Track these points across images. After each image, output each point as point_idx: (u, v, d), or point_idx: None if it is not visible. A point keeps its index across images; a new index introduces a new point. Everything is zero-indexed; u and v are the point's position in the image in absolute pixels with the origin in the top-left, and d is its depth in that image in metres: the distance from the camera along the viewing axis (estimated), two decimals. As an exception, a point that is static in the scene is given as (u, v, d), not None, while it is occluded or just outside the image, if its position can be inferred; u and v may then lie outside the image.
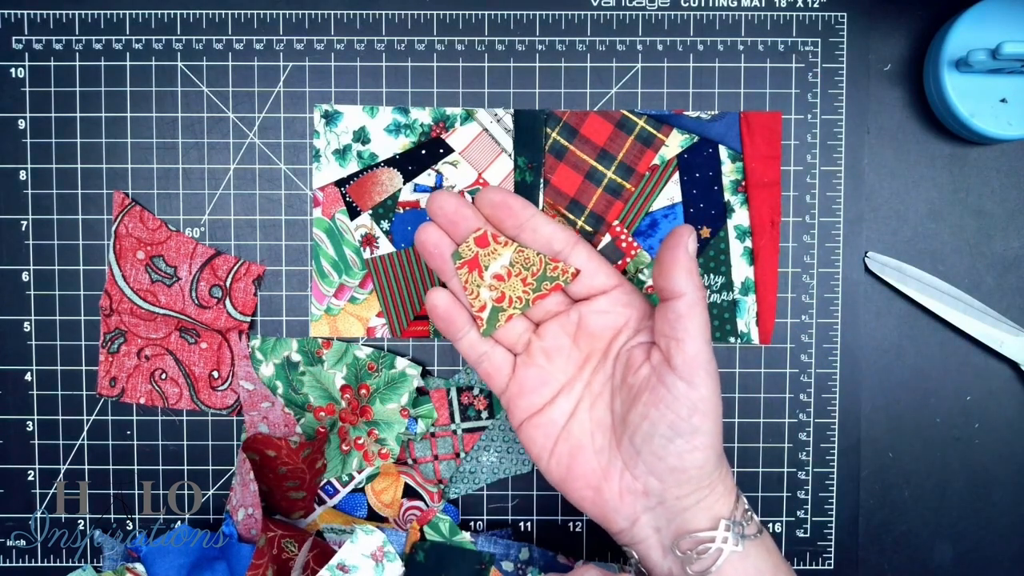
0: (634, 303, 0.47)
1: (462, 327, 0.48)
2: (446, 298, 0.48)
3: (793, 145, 0.55)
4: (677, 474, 0.44)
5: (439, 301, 0.48)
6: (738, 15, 0.55)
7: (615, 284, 0.47)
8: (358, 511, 0.56)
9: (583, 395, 0.47)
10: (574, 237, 0.47)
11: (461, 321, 0.48)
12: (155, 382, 0.56)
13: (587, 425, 0.47)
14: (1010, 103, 0.52)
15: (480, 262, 0.47)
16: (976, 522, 0.57)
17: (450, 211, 0.47)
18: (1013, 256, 0.56)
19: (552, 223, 0.47)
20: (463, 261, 0.47)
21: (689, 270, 0.43)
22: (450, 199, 0.47)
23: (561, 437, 0.47)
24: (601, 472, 0.46)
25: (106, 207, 0.56)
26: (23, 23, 0.55)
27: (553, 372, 0.48)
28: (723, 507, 0.44)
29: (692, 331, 0.43)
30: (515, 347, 0.49)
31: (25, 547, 0.56)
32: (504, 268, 0.47)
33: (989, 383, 0.56)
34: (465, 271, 0.47)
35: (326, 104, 0.55)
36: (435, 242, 0.47)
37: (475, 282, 0.47)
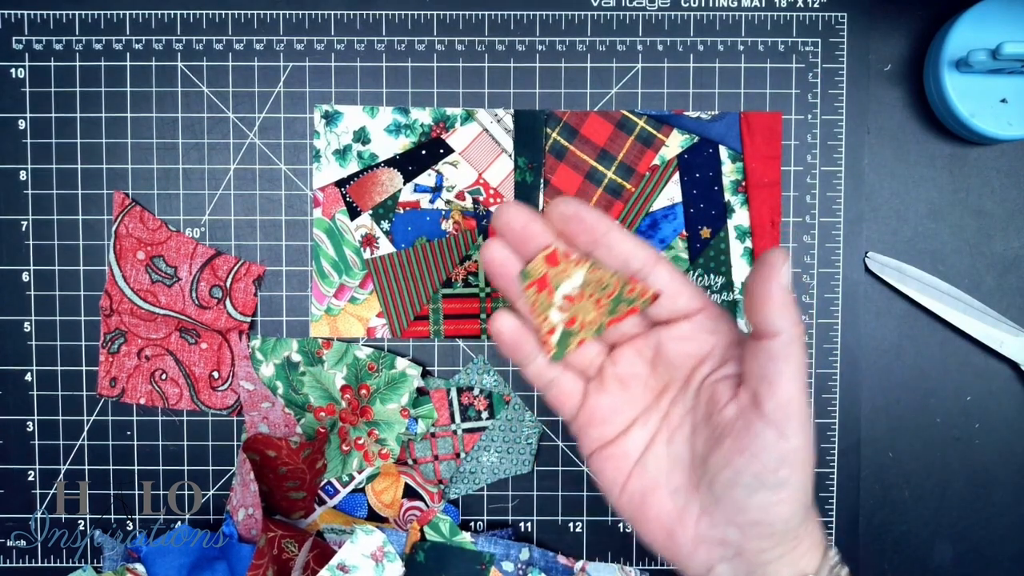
0: (720, 329, 0.41)
1: (530, 352, 0.43)
2: (511, 322, 0.43)
3: (793, 145, 0.55)
4: (760, 527, 0.39)
5: (504, 326, 0.43)
6: (738, 15, 0.55)
7: (699, 307, 0.42)
8: (358, 511, 0.56)
9: (660, 427, 0.43)
10: (654, 255, 0.41)
11: (529, 346, 0.43)
12: (155, 382, 0.56)
13: (663, 462, 0.42)
14: (1010, 103, 0.52)
15: (550, 282, 0.42)
16: (976, 522, 0.57)
17: (518, 226, 0.42)
18: (1013, 256, 0.56)
19: (630, 238, 0.41)
20: (531, 281, 0.42)
21: (784, 305, 0.38)
22: (519, 212, 0.42)
23: (634, 472, 0.43)
24: (676, 515, 0.41)
25: (106, 207, 0.56)
26: (23, 23, 0.55)
27: (628, 401, 0.43)
28: (809, 562, 0.40)
29: (787, 374, 0.38)
30: (587, 372, 0.44)
31: (25, 547, 0.56)
32: (576, 289, 0.42)
33: (989, 383, 0.56)
34: (533, 291, 0.42)
35: (326, 104, 0.55)
36: (502, 261, 0.42)
37: (544, 303, 0.42)
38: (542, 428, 0.56)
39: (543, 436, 0.56)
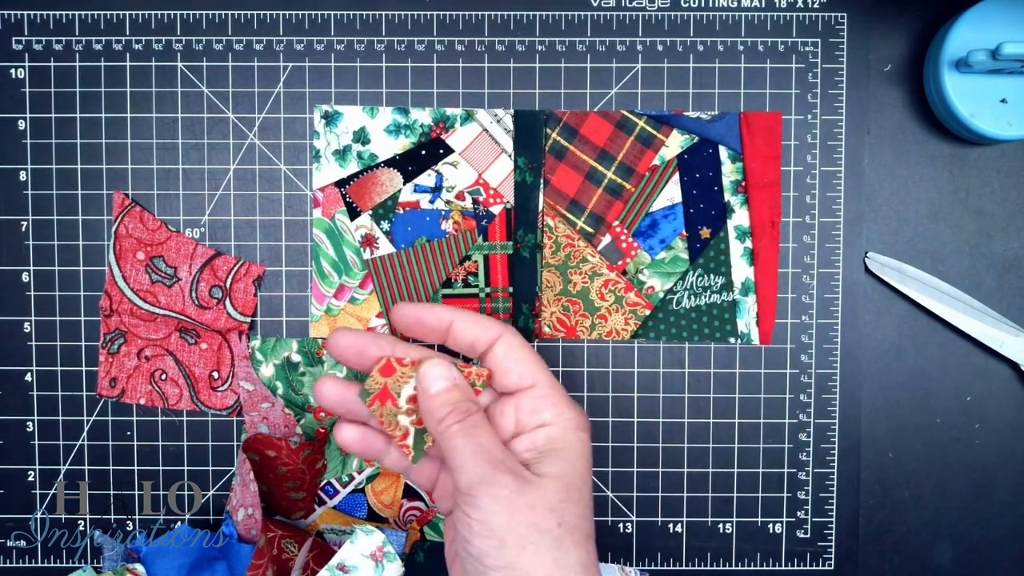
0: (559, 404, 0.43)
1: (381, 449, 0.45)
2: (355, 432, 0.44)
3: (793, 145, 0.55)
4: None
5: (349, 437, 0.44)
6: (738, 15, 0.55)
7: (529, 384, 0.43)
8: (358, 512, 0.56)
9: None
10: (495, 332, 0.43)
11: (379, 444, 0.45)
12: (155, 383, 0.56)
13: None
14: (1010, 103, 0.52)
15: (391, 390, 0.43)
16: (976, 522, 0.57)
17: (351, 349, 0.43)
18: (1013, 256, 0.56)
19: (473, 323, 0.43)
20: (373, 396, 0.43)
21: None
22: (344, 336, 0.43)
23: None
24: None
25: (106, 208, 0.56)
26: (23, 24, 0.55)
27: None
28: None
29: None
30: (442, 456, 0.44)
31: (25, 547, 0.56)
32: (417, 390, 0.43)
33: (989, 383, 0.56)
34: (377, 405, 0.43)
35: (326, 105, 0.55)
36: (339, 399, 0.44)
37: (391, 412, 0.43)
38: (542, 428, 0.56)
39: (543, 436, 0.56)
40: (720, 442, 0.56)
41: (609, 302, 0.56)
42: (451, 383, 0.42)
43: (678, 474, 0.57)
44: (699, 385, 0.56)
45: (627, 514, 0.57)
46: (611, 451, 0.56)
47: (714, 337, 0.56)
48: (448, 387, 0.41)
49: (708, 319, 0.56)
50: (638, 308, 0.56)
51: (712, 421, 0.56)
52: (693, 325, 0.56)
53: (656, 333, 0.56)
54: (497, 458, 0.39)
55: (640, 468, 0.57)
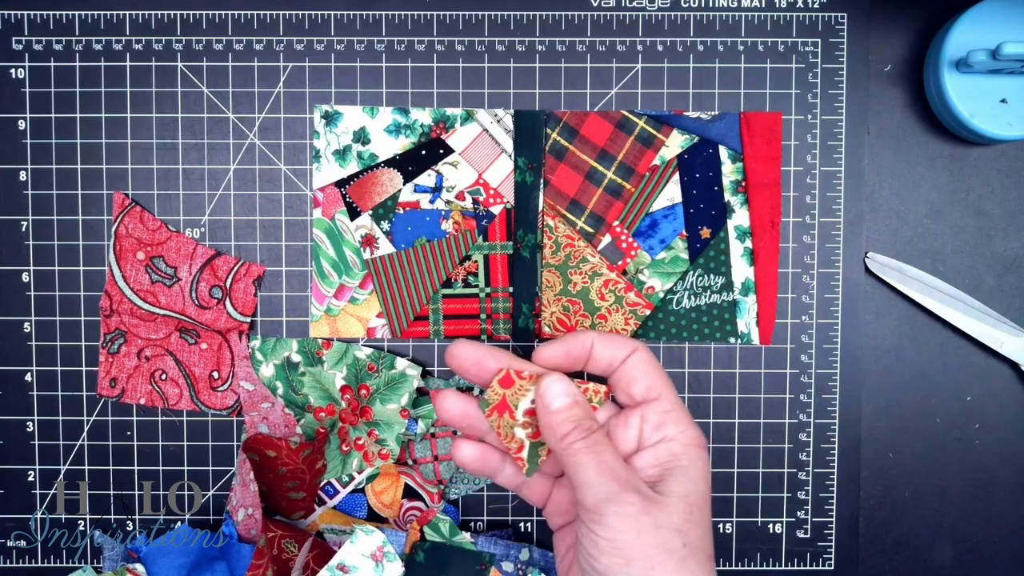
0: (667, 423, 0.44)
1: (497, 467, 0.46)
2: (472, 450, 0.46)
3: (793, 145, 0.55)
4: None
5: (467, 455, 0.46)
6: (738, 16, 0.55)
7: (655, 397, 0.44)
8: (358, 512, 0.56)
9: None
10: (630, 347, 0.44)
11: (495, 462, 0.46)
12: (155, 383, 0.56)
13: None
14: (1010, 103, 0.52)
15: (509, 403, 0.44)
16: (976, 522, 0.57)
17: (469, 360, 0.44)
18: (1013, 256, 0.56)
19: (611, 342, 0.44)
20: (492, 407, 0.44)
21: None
22: (464, 348, 0.44)
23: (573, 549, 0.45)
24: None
25: (106, 208, 0.56)
26: (23, 24, 0.55)
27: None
28: None
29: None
30: (555, 472, 0.47)
31: (25, 547, 0.56)
32: (534, 403, 0.44)
33: (989, 383, 0.56)
34: (495, 416, 0.44)
35: (326, 105, 0.55)
36: (460, 412, 0.45)
37: (508, 424, 0.44)
38: (542, 428, 0.56)
39: (543, 436, 0.56)
40: (720, 442, 0.56)
41: (609, 302, 0.56)
42: (572, 399, 0.42)
43: (678, 474, 0.56)
44: (699, 385, 0.56)
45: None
46: (611, 451, 0.56)
47: (714, 337, 0.56)
48: (570, 403, 0.42)
49: (708, 319, 0.56)
50: (638, 308, 0.56)
51: (712, 421, 0.56)
52: (693, 325, 0.56)
53: (656, 333, 0.56)
54: (622, 476, 0.40)
55: (640, 468, 0.56)
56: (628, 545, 0.39)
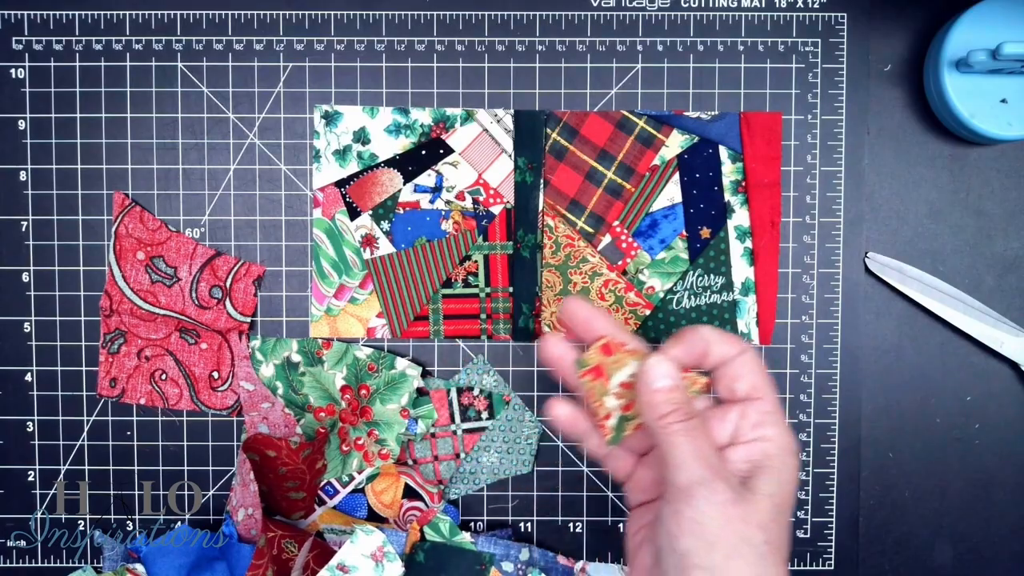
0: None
1: (587, 432, 0.47)
2: (567, 409, 0.46)
3: (793, 145, 0.55)
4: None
5: (561, 413, 0.46)
6: (738, 16, 0.55)
7: (758, 397, 0.44)
8: (358, 511, 0.56)
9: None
10: (741, 347, 0.44)
11: (586, 427, 0.46)
12: (155, 383, 0.56)
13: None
14: (1010, 103, 0.52)
15: (605, 371, 0.44)
16: (976, 522, 0.57)
17: (579, 316, 0.45)
18: (1013, 256, 0.56)
19: (725, 341, 0.44)
20: (587, 369, 0.44)
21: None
22: (579, 306, 0.45)
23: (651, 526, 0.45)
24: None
25: (106, 208, 0.56)
26: (23, 24, 0.55)
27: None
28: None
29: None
30: (641, 449, 0.47)
31: (25, 547, 0.56)
32: (631, 377, 0.44)
33: (989, 383, 0.56)
34: (589, 379, 0.44)
35: (326, 105, 0.55)
36: (559, 354, 0.46)
37: (600, 390, 0.44)
38: (542, 428, 0.56)
39: (543, 436, 0.56)
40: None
41: (609, 302, 0.56)
42: (675, 382, 0.43)
43: (678, 474, 0.56)
44: (699, 385, 0.56)
45: (627, 514, 0.57)
46: (611, 451, 0.56)
47: (714, 337, 0.56)
48: (672, 386, 0.42)
49: (708, 319, 0.56)
50: (638, 308, 0.56)
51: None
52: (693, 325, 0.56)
53: (656, 333, 0.56)
54: (715, 464, 0.41)
55: (640, 468, 0.57)
56: (713, 531, 0.39)
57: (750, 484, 0.41)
